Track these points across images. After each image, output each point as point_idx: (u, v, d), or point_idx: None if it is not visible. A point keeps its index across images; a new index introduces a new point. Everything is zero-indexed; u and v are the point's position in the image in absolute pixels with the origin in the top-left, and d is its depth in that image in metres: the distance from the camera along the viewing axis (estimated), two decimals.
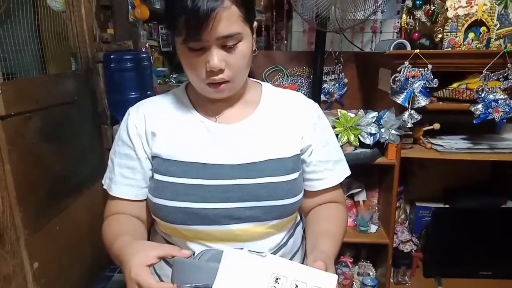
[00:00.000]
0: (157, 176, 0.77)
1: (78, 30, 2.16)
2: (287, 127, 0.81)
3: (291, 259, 0.85)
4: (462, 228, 1.63)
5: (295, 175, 0.79)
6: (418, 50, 1.27)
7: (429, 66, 1.27)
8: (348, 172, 0.89)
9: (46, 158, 1.75)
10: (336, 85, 1.76)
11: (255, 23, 0.75)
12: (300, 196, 0.81)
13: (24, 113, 1.59)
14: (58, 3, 2.02)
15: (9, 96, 1.48)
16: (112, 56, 2.27)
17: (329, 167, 0.85)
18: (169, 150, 0.77)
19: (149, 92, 2.39)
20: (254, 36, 0.76)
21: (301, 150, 0.82)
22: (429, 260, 1.66)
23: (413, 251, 1.62)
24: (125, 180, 0.80)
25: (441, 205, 1.72)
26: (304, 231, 0.92)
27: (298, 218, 0.91)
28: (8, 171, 1.46)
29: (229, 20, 0.66)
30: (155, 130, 0.79)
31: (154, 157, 0.79)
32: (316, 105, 0.88)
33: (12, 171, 1.48)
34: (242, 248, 0.65)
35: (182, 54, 0.71)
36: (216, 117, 0.80)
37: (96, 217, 2.16)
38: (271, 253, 0.80)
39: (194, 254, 0.66)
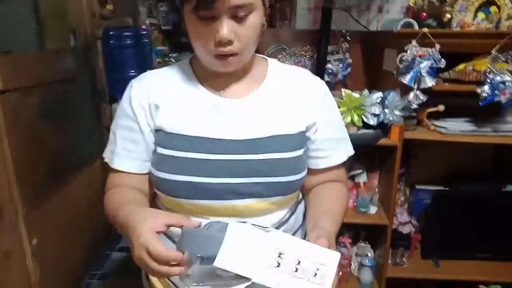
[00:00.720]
0: (160, 150, 0.76)
1: (77, 5, 2.12)
2: (293, 104, 0.80)
3: (292, 235, 0.86)
4: (461, 211, 1.63)
5: (299, 152, 0.78)
6: (426, 29, 1.24)
7: (437, 45, 1.25)
8: (351, 152, 0.88)
9: (44, 135, 1.74)
10: (340, 65, 1.73)
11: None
12: (304, 173, 0.80)
13: (22, 88, 1.57)
14: None
15: (7, 70, 1.45)
16: (111, 33, 2.23)
17: (333, 146, 0.84)
18: (173, 124, 0.76)
19: (148, 70, 2.36)
20: (266, 8, 0.74)
21: (306, 127, 0.81)
22: (427, 242, 1.67)
23: (411, 232, 1.63)
24: (128, 153, 0.79)
25: (441, 188, 1.72)
26: (305, 209, 0.92)
27: (300, 196, 0.91)
28: (6, 147, 1.45)
29: None
30: (158, 103, 0.77)
31: (157, 131, 0.78)
32: (323, 82, 0.86)
33: (11, 147, 1.46)
34: (245, 222, 0.65)
35: (190, 24, 0.69)
36: (221, 91, 0.78)
37: (95, 195, 2.16)
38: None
39: (200, 225, 0.65)
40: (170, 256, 0.59)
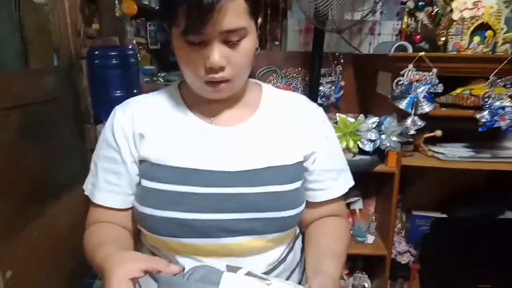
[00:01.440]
0: (144, 182, 0.69)
1: (61, 24, 2.05)
2: (289, 132, 0.74)
3: (290, 274, 0.79)
4: (460, 239, 1.57)
5: (297, 184, 0.72)
6: (423, 53, 1.20)
7: (434, 70, 1.21)
8: (352, 183, 0.82)
9: (23, 159, 1.64)
10: (333, 87, 1.69)
11: (260, 19, 0.68)
12: (303, 207, 0.74)
13: (1, 109, 1.48)
14: None
15: None
16: (96, 52, 2.16)
17: (332, 177, 0.78)
18: (159, 154, 0.69)
19: (135, 91, 2.29)
20: (258, 33, 0.68)
21: (304, 157, 0.74)
22: (426, 272, 1.60)
23: (410, 262, 1.56)
24: (110, 186, 0.72)
25: (439, 214, 1.66)
26: (303, 245, 0.85)
27: (298, 230, 0.85)
28: None
29: (235, 12, 0.59)
30: (143, 132, 0.71)
31: (141, 161, 0.71)
32: (321, 109, 0.81)
33: None
34: (241, 268, 0.57)
35: (179, 48, 0.64)
36: (212, 118, 0.72)
37: (76, 222, 2.03)
38: (271, 269, 0.73)
39: (184, 270, 0.59)
40: None
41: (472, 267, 1.58)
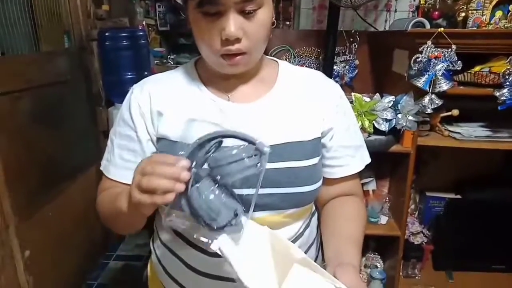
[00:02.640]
0: None
1: (71, 6, 2.05)
2: (306, 108, 0.73)
3: (307, 250, 0.79)
4: (475, 220, 1.56)
5: (315, 160, 0.72)
6: (442, 29, 1.16)
7: (453, 46, 1.17)
8: (368, 160, 0.81)
9: (37, 141, 1.66)
10: (347, 67, 1.65)
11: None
12: (320, 183, 0.74)
13: (13, 92, 1.50)
14: None
15: None
16: (107, 34, 2.15)
17: (350, 153, 0.77)
18: (178, 131, 0.69)
19: (146, 73, 2.28)
20: (274, 5, 0.67)
21: (321, 133, 0.74)
22: (439, 252, 1.59)
23: (423, 243, 1.55)
24: (125, 163, 0.73)
25: (453, 196, 1.65)
26: (319, 222, 0.84)
27: (313, 208, 0.84)
28: None
29: None
30: (161, 109, 0.71)
31: (160, 139, 0.71)
32: (338, 85, 0.79)
33: (1, 154, 1.39)
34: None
35: (194, 22, 0.63)
36: (229, 95, 0.72)
37: (90, 203, 2.05)
38: None
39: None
40: (180, 160, 0.53)
41: (485, 248, 1.58)
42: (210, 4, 0.58)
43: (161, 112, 0.71)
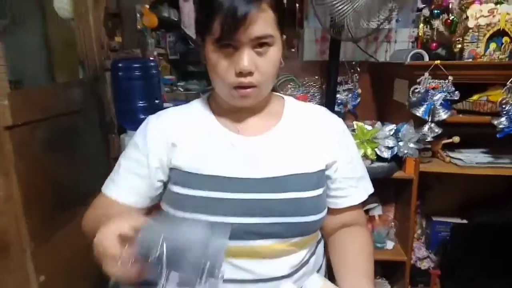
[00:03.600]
0: (176, 189, 0.75)
1: (86, 38, 2.15)
2: (311, 142, 0.79)
3: None
4: (481, 245, 1.56)
5: (319, 191, 0.77)
6: (438, 61, 1.22)
7: (450, 77, 1.23)
8: (371, 190, 0.86)
9: (52, 168, 1.72)
10: (350, 95, 1.71)
11: (284, 36, 0.74)
12: (324, 212, 0.79)
13: (31, 122, 1.57)
14: (66, 11, 2.00)
15: (17, 105, 1.45)
16: (120, 64, 2.24)
17: (353, 184, 0.82)
18: (190, 163, 0.75)
19: (157, 101, 2.36)
20: (283, 48, 0.74)
21: (326, 166, 0.79)
22: (447, 277, 1.59)
23: (430, 268, 1.56)
24: (128, 183, 0.77)
25: (459, 220, 1.66)
26: (324, 250, 0.89)
27: (319, 235, 0.89)
28: (14, 181, 1.43)
29: (264, 21, 0.66)
30: (175, 141, 0.76)
31: (172, 169, 0.76)
32: (341, 120, 0.85)
33: (19, 181, 1.45)
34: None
35: (211, 55, 0.70)
36: (239, 128, 0.78)
37: None
38: (291, 273, 0.77)
39: None
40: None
41: (493, 273, 1.57)
42: (227, 40, 0.66)
43: (175, 143, 0.76)
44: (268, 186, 0.73)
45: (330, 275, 0.83)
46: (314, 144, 0.79)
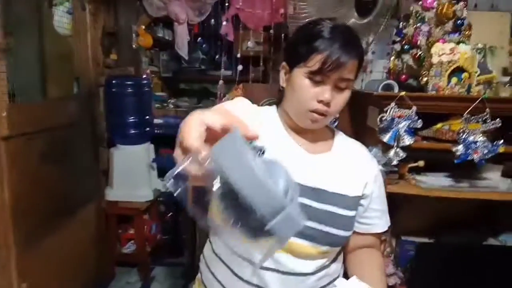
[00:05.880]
0: None
1: (82, 55, 2.24)
2: (355, 171, 0.95)
3: (332, 281, 0.96)
4: (446, 264, 1.66)
5: (352, 213, 0.93)
6: (404, 93, 1.35)
7: (414, 107, 1.36)
8: (389, 223, 1.03)
9: (44, 178, 1.79)
10: None
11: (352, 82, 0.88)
12: (351, 232, 0.94)
13: (26, 134, 1.65)
14: (64, 29, 2.09)
15: (14, 117, 1.54)
16: (114, 81, 2.35)
17: (378, 215, 0.99)
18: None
19: (147, 117, 2.46)
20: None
21: (362, 194, 0.95)
22: None
23: (397, 284, 1.65)
24: None
25: (426, 240, 1.76)
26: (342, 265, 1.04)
27: (342, 253, 1.04)
28: (6, 191, 1.50)
29: (351, 68, 0.82)
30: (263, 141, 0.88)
31: None
32: (376, 160, 1.04)
33: (10, 190, 1.52)
34: None
35: (299, 81, 0.84)
36: (300, 144, 0.93)
37: (89, 237, 2.17)
38: (315, 272, 0.90)
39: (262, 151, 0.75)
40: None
41: None
42: (322, 75, 0.80)
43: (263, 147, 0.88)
44: (314, 194, 0.88)
45: None
46: (356, 174, 0.94)
